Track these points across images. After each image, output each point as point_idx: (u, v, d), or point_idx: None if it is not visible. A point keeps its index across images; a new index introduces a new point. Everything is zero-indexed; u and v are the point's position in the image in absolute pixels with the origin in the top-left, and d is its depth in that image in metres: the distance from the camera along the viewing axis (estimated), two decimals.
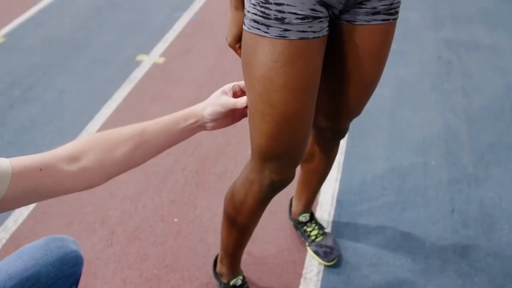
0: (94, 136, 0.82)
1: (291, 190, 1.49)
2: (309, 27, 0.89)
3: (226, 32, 1.05)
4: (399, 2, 0.99)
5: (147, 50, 2.57)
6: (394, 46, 1.07)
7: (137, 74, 2.36)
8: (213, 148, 1.89)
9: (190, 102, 2.15)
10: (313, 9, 0.88)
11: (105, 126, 1.98)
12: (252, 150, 1.04)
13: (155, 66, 2.43)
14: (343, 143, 1.91)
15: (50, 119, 2.06)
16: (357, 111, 1.13)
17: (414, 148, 1.92)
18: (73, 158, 0.77)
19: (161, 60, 2.47)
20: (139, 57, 2.49)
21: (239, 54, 1.00)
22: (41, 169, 0.72)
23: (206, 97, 0.98)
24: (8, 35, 2.70)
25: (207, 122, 0.95)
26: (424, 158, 1.87)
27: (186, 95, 2.21)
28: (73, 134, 1.96)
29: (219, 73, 2.39)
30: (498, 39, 2.70)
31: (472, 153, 1.90)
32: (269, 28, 0.88)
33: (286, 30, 0.88)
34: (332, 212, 1.62)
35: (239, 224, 1.18)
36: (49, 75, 2.36)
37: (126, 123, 0.88)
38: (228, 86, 1.02)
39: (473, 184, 1.75)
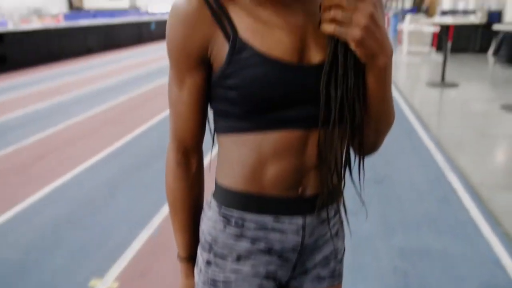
0: None
1: None
2: None
3: None
4: (341, 266, 1.03)
5: (101, 272, 2.48)
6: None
7: None
8: None
9: None
10: (260, 285, 0.90)
11: None
12: None
13: None
14: None
15: None
16: None
17: None
18: None
19: (115, 285, 2.37)
20: (92, 283, 2.38)
21: None
22: None
23: None
24: None
25: None
26: None
27: None
28: None
29: None
30: (448, 244, 2.83)
31: None
32: None
33: None
34: None
35: None
36: None
37: None
38: None
39: None
